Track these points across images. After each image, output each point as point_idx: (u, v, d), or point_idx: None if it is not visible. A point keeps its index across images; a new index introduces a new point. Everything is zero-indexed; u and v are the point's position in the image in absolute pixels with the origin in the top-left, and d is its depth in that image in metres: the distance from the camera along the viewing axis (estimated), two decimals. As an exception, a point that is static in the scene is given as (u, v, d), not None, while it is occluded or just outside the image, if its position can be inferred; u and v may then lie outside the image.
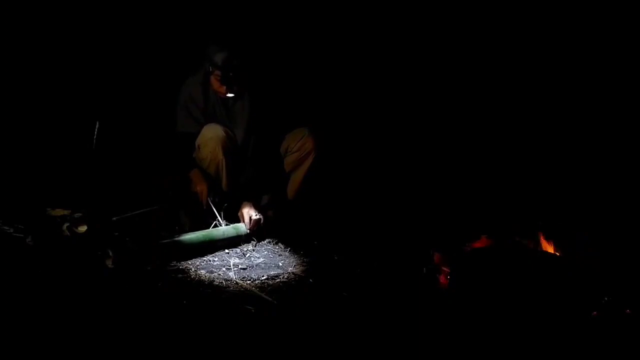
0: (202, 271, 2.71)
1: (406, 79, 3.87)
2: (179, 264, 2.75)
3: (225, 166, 3.10)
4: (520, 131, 3.65)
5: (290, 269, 2.78)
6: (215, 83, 3.07)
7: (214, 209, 3.07)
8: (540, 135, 3.60)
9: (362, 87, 3.90)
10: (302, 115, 3.39)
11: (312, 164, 3.22)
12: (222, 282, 2.60)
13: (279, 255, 2.96)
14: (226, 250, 2.95)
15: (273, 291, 2.53)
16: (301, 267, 2.82)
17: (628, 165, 3.29)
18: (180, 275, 2.65)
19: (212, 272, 2.71)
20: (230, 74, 3.01)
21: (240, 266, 2.79)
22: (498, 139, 3.71)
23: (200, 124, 3.13)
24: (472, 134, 3.79)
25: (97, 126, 3.11)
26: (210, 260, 2.84)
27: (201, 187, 3.11)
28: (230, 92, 3.07)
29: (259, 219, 3.07)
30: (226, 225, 3.05)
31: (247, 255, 2.93)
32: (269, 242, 3.11)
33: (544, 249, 2.52)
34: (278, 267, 2.82)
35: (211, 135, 3.06)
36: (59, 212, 2.78)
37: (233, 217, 3.12)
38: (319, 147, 3.20)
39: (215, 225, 3.05)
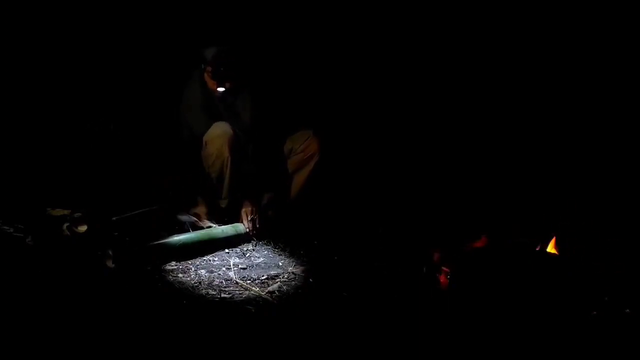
0: (202, 271, 2.71)
1: (407, 80, 3.87)
2: (179, 264, 2.75)
3: (230, 164, 3.09)
4: (520, 131, 3.65)
5: (290, 269, 2.78)
6: (208, 80, 3.09)
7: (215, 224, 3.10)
8: (540, 136, 3.60)
9: (363, 88, 3.90)
10: (305, 116, 3.40)
11: (315, 166, 3.23)
12: (222, 282, 2.60)
13: (279, 255, 2.96)
14: (226, 250, 2.95)
15: (273, 291, 2.53)
16: (301, 267, 2.82)
17: (628, 165, 3.30)
18: (180, 275, 2.65)
19: (212, 271, 2.71)
20: (222, 69, 3.03)
21: (240, 266, 2.79)
22: (498, 140, 3.71)
23: (202, 122, 3.13)
24: (472, 134, 3.79)
25: (97, 126, 3.11)
26: (210, 260, 2.84)
27: (199, 210, 3.16)
28: (221, 87, 3.08)
29: (257, 219, 3.08)
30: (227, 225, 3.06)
31: (247, 255, 2.93)
32: (269, 242, 3.10)
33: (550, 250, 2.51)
34: (278, 267, 2.82)
35: (219, 133, 3.06)
36: (59, 212, 2.79)
37: (234, 217, 3.12)
38: (323, 149, 3.22)
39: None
